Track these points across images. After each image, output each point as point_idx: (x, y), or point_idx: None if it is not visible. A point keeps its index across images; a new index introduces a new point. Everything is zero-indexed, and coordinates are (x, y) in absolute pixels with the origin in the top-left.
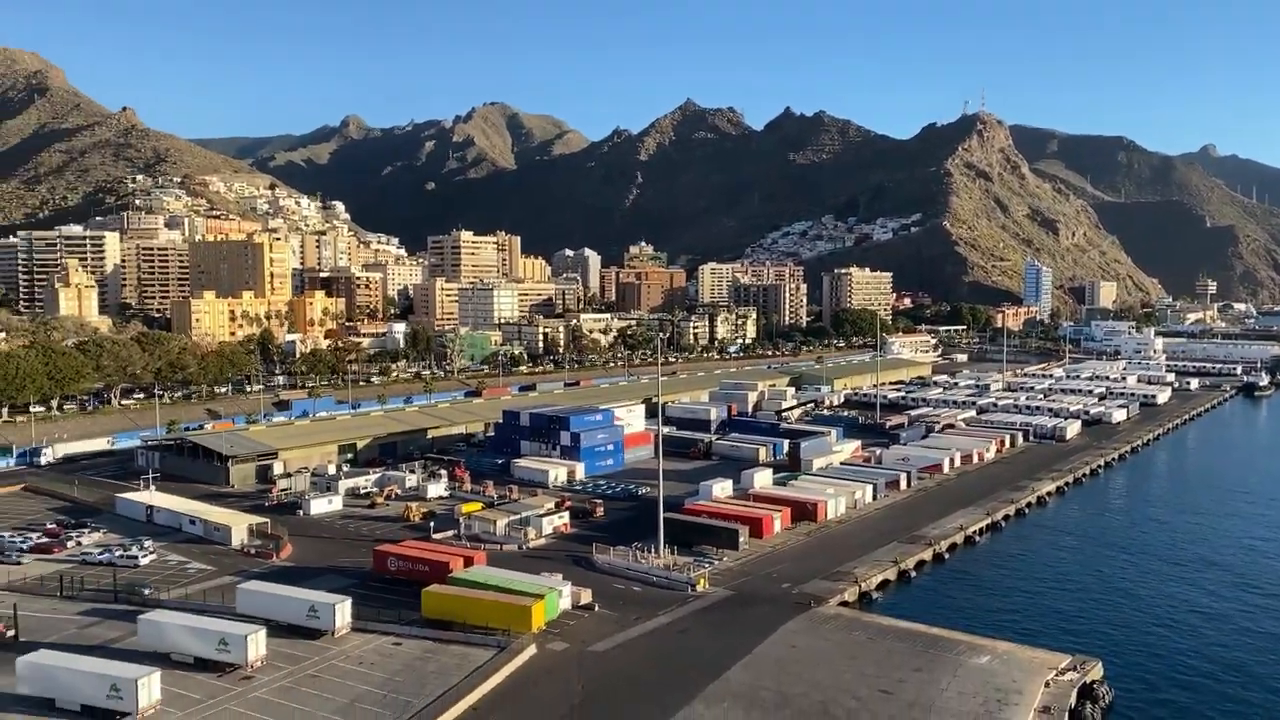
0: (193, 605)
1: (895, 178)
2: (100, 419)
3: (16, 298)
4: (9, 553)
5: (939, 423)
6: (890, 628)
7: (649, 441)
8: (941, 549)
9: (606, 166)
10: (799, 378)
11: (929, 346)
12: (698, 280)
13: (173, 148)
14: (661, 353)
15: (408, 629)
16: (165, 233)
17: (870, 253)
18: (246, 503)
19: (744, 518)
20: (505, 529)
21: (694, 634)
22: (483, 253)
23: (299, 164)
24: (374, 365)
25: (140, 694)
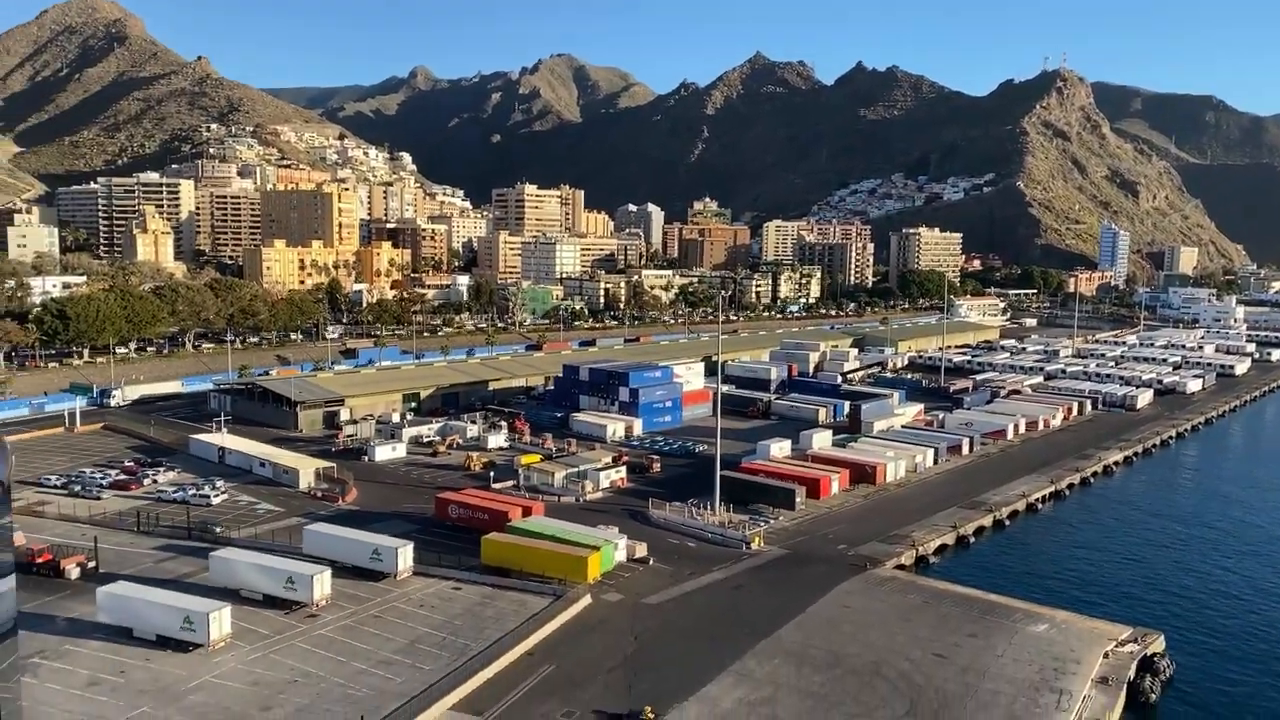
0: (261, 544)
1: (969, 135)
2: (175, 362)
3: (97, 242)
4: (90, 489)
5: (1004, 388)
6: (946, 592)
7: (707, 399)
8: (1002, 516)
9: (672, 120)
10: (862, 339)
11: (997, 310)
12: (762, 238)
13: (245, 97)
14: (722, 311)
15: (467, 575)
16: (238, 181)
17: (940, 212)
18: (314, 447)
19: (801, 478)
20: (563, 481)
21: (747, 591)
22: (546, 206)
23: (367, 115)
24: (438, 317)
25: (211, 627)
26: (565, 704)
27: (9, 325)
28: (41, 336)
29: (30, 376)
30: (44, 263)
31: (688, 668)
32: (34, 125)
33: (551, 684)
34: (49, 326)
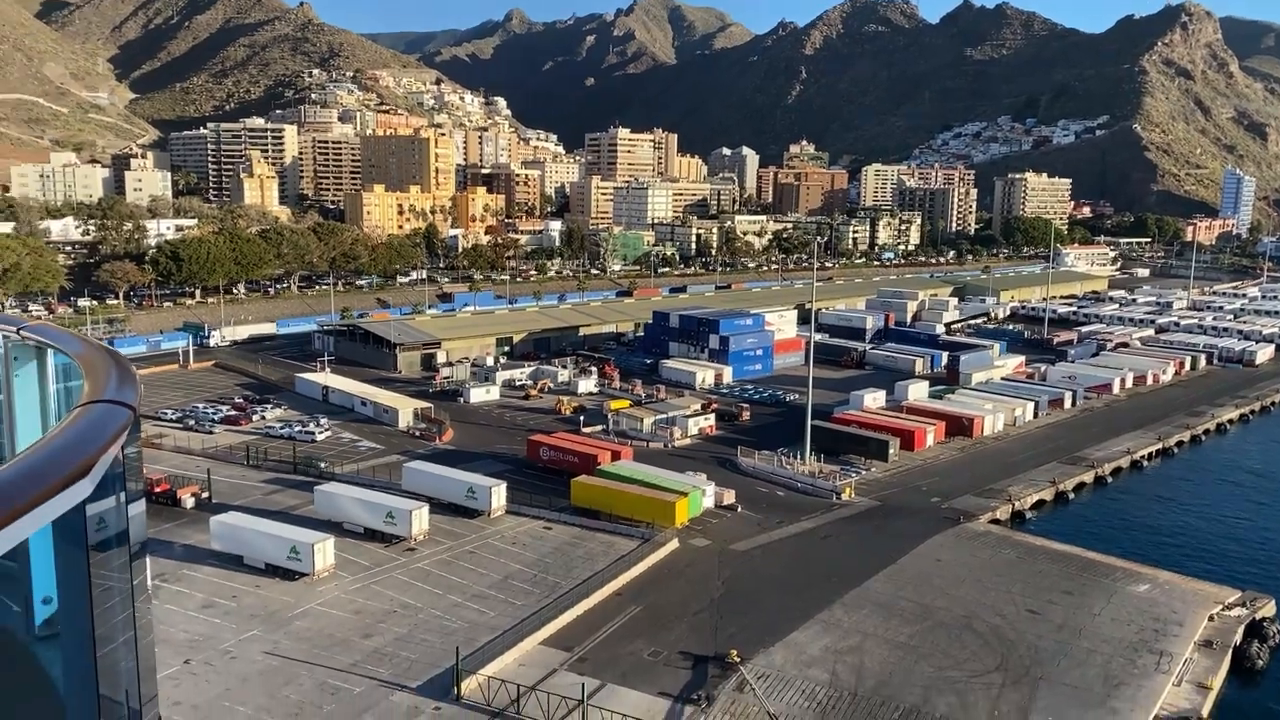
0: (363, 480)
1: (1082, 76)
2: (280, 304)
3: (207, 186)
4: (203, 423)
5: (1112, 340)
6: (1042, 548)
7: (799, 348)
8: (1104, 472)
9: (769, 61)
10: (963, 288)
11: (1106, 259)
12: (860, 182)
13: (345, 42)
14: (818, 257)
15: (557, 515)
16: (339, 126)
17: (1049, 157)
18: (412, 388)
19: (895, 429)
20: (651, 427)
21: (836, 541)
22: (639, 150)
23: (463, 59)
24: (530, 262)
25: (316, 557)
26: (652, 644)
27: (128, 266)
28: (157, 277)
29: (147, 315)
30: (158, 206)
31: (774, 614)
32: (147, 72)
33: (639, 624)
34: (164, 268)
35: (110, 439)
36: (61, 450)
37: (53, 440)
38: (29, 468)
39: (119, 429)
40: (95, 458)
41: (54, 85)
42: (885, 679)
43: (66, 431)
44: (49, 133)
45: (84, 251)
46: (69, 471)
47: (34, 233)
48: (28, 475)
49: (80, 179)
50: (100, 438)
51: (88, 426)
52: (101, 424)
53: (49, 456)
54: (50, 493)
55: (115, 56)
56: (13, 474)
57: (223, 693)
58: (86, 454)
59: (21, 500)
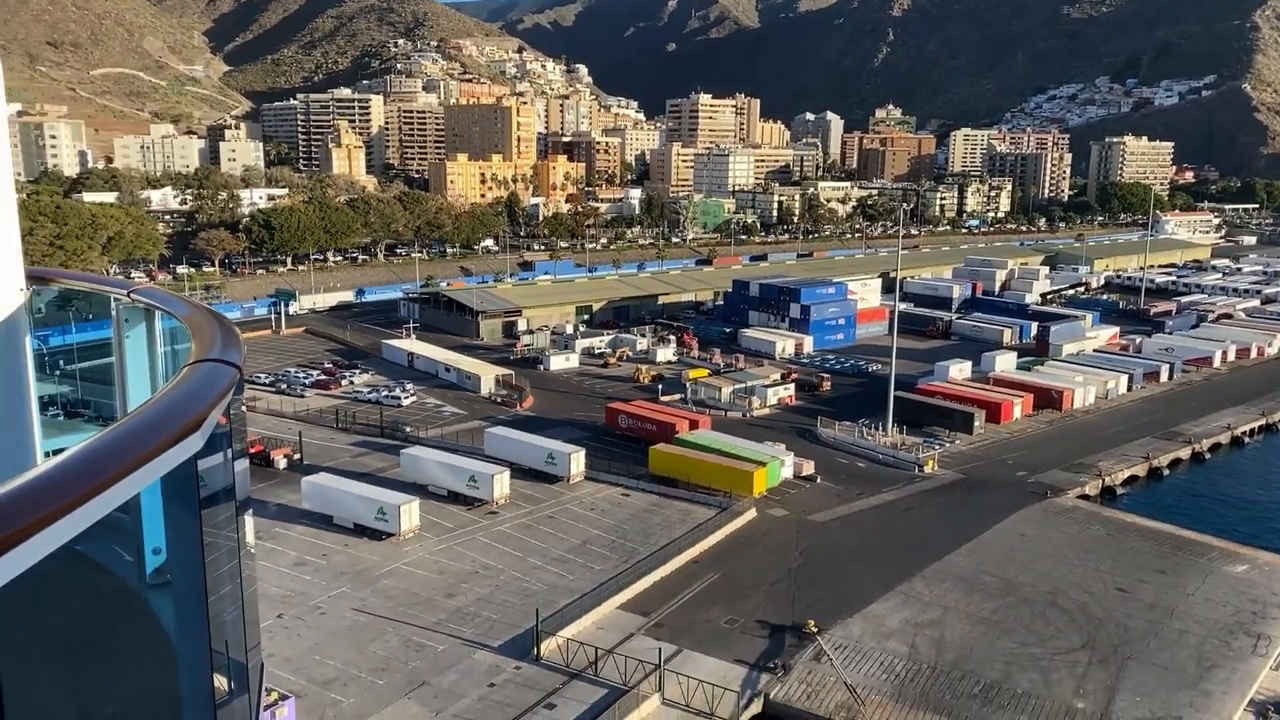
0: (446, 444)
1: (1187, 33)
2: (367, 271)
3: (297, 156)
4: (295, 387)
5: (1213, 311)
6: (1134, 525)
7: (883, 317)
8: (1202, 448)
9: (855, 23)
10: (1055, 256)
11: (1210, 227)
12: (948, 147)
13: (430, 12)
14: (903, 225)
15: (635, 483)
16: (423, 96)
17: (1150, 120)
18: (493, 355)
19: (981, 401)
20: (730, 396)
21: (918, 514)
22: (720, 116)
23: (545, 26)
24: (610, 230)
25: (402, 518)
26: (729, 612)
27: (222, 234)
28: (250, 245)
29: (240, 282)
30: (251, 176)
31: (853, 585)
32: (240, 45)
33: (716, 592)
34: (256, 236)
35: (218, 396)
36: (174, 406)
37: (165, 397)
38: (144, 423)
39: (226, 386)
40: (205, 413)
41: (153, 59)
42: (966, 654)
43: (178, 389)
44: (149, 105)
45: (181, 220)
46: (181, 426)
47: (135, 202)
48: (143, 430)
49: (178, 150)
50: (209, 394)
51: (197, 384)
52: (210, 382)
53: (163, 412)
54: (164, 446)
55: (210, 30)
56: (129, 429)
57: (313, 646)
58: (197, 410)
59: (137, 454)
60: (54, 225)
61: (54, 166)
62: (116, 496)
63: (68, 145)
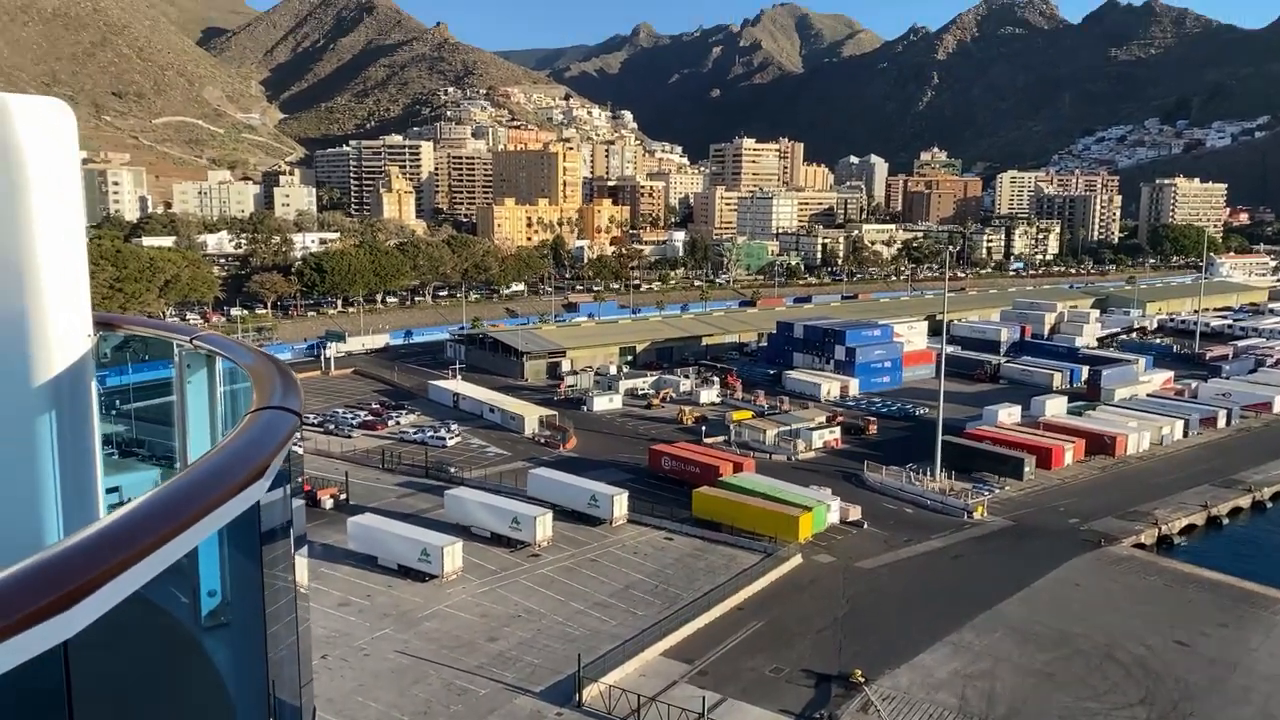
0: (490, 485)
1: (1238, 74)
2: (415, 313)
3: (349, 201)
4: (342, 427)
5: (1272, 355)
6: (1193, 576)
7: (930, 360)
8: (1263, 496)
9: (899, 67)
10: (1105, 299)
11: (1266, 269)
12: (995, 190)
13: (479, 60)
14: (950, 267)
15: (678, 526)
16: (472, 142)
17: (1201, 161)
18: (537, 396)
19: (1031, 446)
20: (775, 439)
21: (968, 561)
22: (763, 160)
23: (591, 74)
24: (654, 272)
25: (446, 560)
26: (774, 660)
27: (275, 277)
28: (302, 288)
29: (292, 324)
30: (304, 220)
31: (901, 634)
32: (295, 93)
33: (761, 639)
34: (308, 279)
35: (281, 443)
36: (239, 453)
37: (230, 444)
38: (210, 471)
39: (288, 433)
40: (269, 460)
41: (212, 107)
42: (1018, 707)
43: (242, 436)
44: (206, 152)
45: (236, 264)
46: (247, 473)
47: (192, 246)
48: (210, 479)
49: (234, 195)
50: (272, 441)
51: (261, 431)
52: (273, 429)
53: (228, 460)
54: (230, 494)
55: (266, 79)
56: (196, 477)
57: (356, 688)
58: (261, 457)
59: (205, 501)
60: (114, 269)
61: (116, 212)
62: (184, 544)
63: (129, 191)
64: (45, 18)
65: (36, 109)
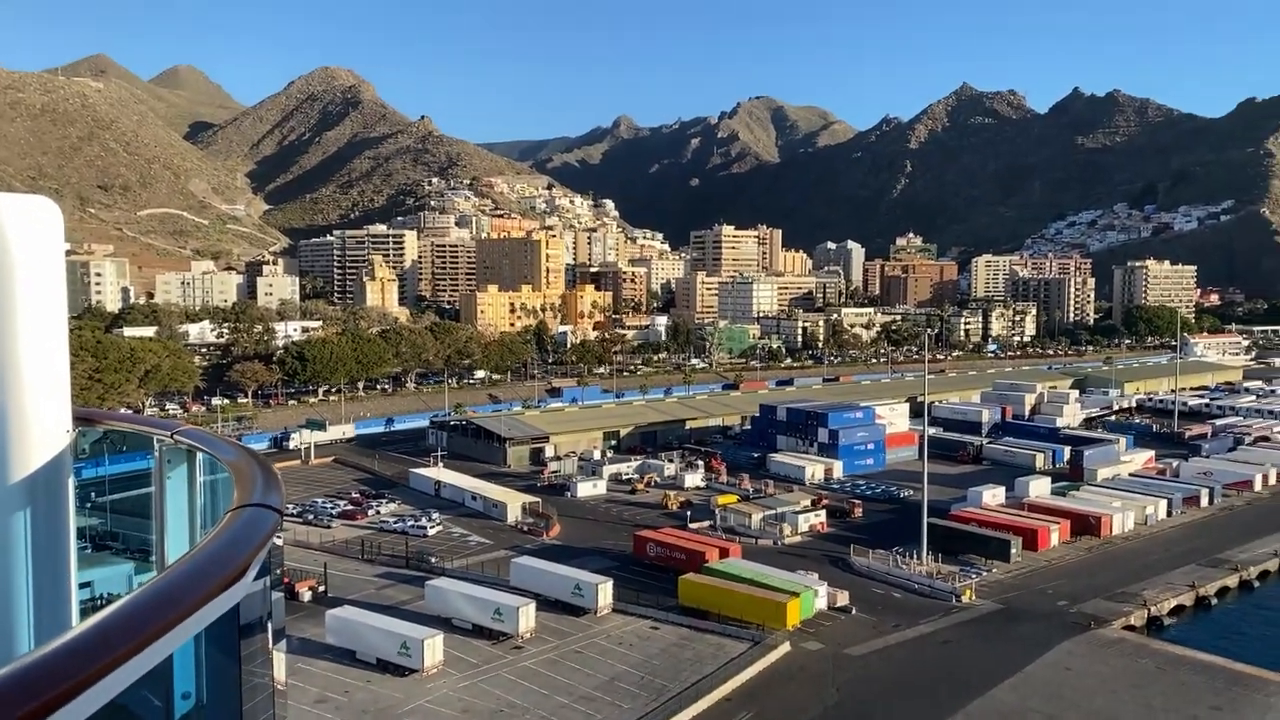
0: (472, 575)
1: (1202, 161)
2: (397, 400)
3: (331, 289)
4: (321, 517)
5: (1250, 434)
6: (1184, 658)
7: (913, 442)
8: (1250, 575)
9: (874, 156)
10: (1084, 379)
11: (1239, 349)
12: (970, 273)
13: (463, 152)
14: (929, 349)
15: (664, 614)
16: (455, 231)
17: (1170, 244)
18: (521, 482)
19: (1017, 528)
20: (760, 523)
21: (958, 646)
22: (743, 246)
23: (573, 164)
24: (637, 356)
25: (426, 653)
26: None
27: (256, 366)
28: (283, 376)
29: (273, 413)
30: (287, 309)
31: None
32: (280, 185)
33: None
34: (290, 367)
35: (261, 542)
36: (219, 554)
37: (210, 544)
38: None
39: (269, 531)
40: (249, 560)
41: (197, 200)
42: None
43: (222, 535)
44: (191, 243)
45: (217, 353)
46: (226, 574)
47: (173, 336)
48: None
49: (217, 285)
50: (253, 540)
51: (242, 530)
52: (254, 527)
53: (208, 560)
54: (210, 595)
55: (252, 171)
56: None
57: None
58: (241, 557)
59: (185, 605)
60: (94, 359)
61: (97, 303)
62: (164, 649)
63: (111, 282)
64: (33, 113)
65: (24, 208)
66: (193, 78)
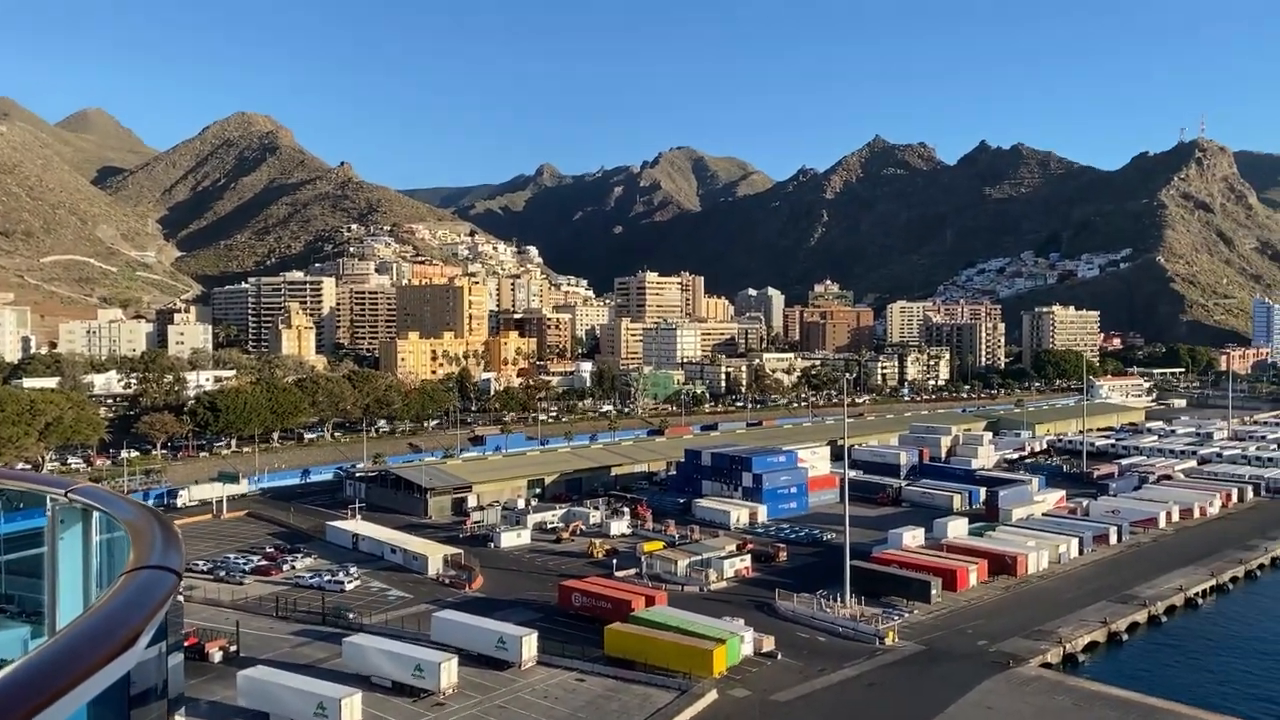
0: (391, 631)
1: (1102, 211)
2: (314, 451)
3: (246, 338)
4: (234, 573)
5: (1154, 473)
6: (1099, 694)
7: (834, 485)
8: (1158, 611)
9: (792, 205)
10: (997, 422)
11: (1142, 391)
12: (886, 319)
13: (384, 198)
14: (848, 393)
15: (590, 665)
16: (375, 278)
17: (1075, 290)
18: (442, 534)
19: (937, 569)
20: (686, 569)
21: (882, 689)
22: (667, 293)
23: (497, 211)
24: (562, 403)
25: (343, 713)
26: None
27: (166, 417)
28: (194, 427)
29: (183, 465)
30: (198, 358)
31: None
32: (193, 231)
33: None
34: (201, 418)
35: (156, 606)
36: (111, 619)
37: (102, 609)
38: (76, 641)
39: (165, 595)
40: (141, 627)
41: (105, 246)
42: None
43: (115, 599)
44: (98, 290)
45: (125, 404)
46: (117, 642)
47: (77, 387)
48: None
49: (125, 334)
50: (148, 604)
51: (137, 593)
52: (149, 590)
53: (98, 627)
54: (99, 665)
55: (164, 217)
56: (63, 647)
57: None
58: (134, 622)
59: (72, 674)
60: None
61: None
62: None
63: (11, 331)
64: None
65: None
66: (102, 121)
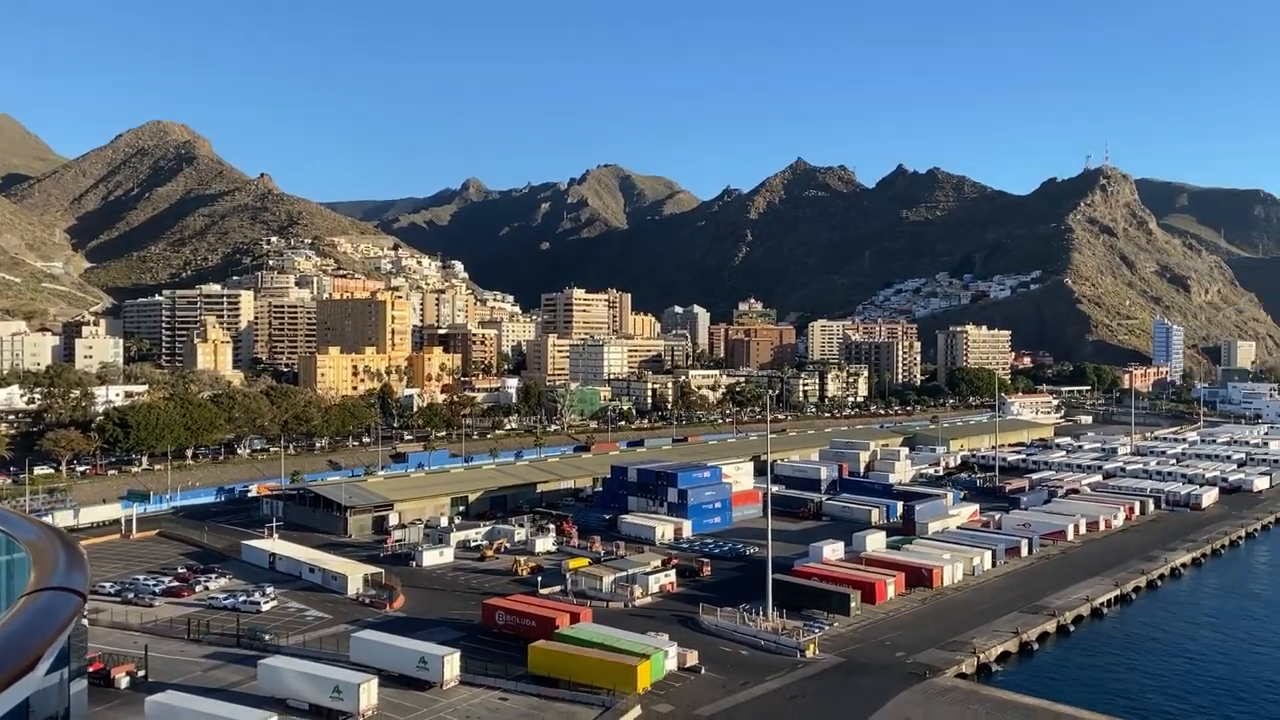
0: (309, 652)
1: (1013, 234)
2: (229, 468)
3: (159, 352)
4: (143, 595)
5: (1062, 487)
6: (1011, 702)
7: (757, 500)
8: (1066, 620)
9: (717, 225)
10: (913, 438)
11: (1050, 408)
12: (808, 337)
13: (305, 211)
14: (770, 410)
15: (514, 684)
16: (295, 291)
17: (987, 310)
18: (363, 553)
19: (856, 581)
20: (611, 586)
21: (804, 702)
22: (594, 310)
23: (421, 225)
24: (487, 419)
25: None
26: None
27: (72, 434)
28: (103, 445)
29: (90, 484)
30: (108, 373)
31: None
32: (104, 242)
33: None
34: (110, 434)
35: (58, 629)
36: (6, 643)
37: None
38: None
39: (67, 618)
40: (40, 651)
41: (8, 255)
42: None
43: (13, 623)
44: (1, 302)
45: (28, 420)
46: (14, 667)
47: None
48: None
49: (29, 347)
50: (49, 628)
51: (35, 616)
52: (49, 613)
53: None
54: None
55: (73, 227)
56: None
57: None
58: (33, 647)
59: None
60: None
61: None
62: None
63: None
64: None
65: None
66: (8, 127)
